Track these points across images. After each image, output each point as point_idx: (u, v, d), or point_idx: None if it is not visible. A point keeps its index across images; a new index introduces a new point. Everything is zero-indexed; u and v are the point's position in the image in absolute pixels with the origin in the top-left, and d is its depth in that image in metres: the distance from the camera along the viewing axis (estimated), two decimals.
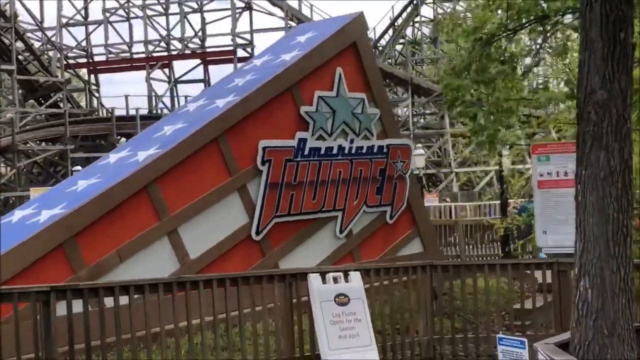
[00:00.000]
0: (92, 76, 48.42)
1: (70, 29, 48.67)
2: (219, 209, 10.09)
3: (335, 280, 7.79)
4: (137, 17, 47.80)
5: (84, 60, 48.60)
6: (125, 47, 48.64)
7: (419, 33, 56.98)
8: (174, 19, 48.04)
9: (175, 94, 49.03)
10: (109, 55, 47.48)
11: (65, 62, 42.36)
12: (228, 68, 48.10)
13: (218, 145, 10.13)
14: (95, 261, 8.80)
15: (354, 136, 11.76)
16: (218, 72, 64.66)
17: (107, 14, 47.39)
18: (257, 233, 10.47)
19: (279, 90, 10.83)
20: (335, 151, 11.48)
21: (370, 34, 44.68)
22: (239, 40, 45.55)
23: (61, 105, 41.58)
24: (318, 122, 11.23)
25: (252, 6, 45.89)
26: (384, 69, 42.00)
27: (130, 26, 48.21)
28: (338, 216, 11.58)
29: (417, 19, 57.99)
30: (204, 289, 7.06)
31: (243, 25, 45.43)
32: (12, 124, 35.41)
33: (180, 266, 9.61)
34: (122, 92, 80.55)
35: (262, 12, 45.80)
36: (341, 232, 11.62)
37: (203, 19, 47.19)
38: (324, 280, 7.71)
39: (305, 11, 45.06)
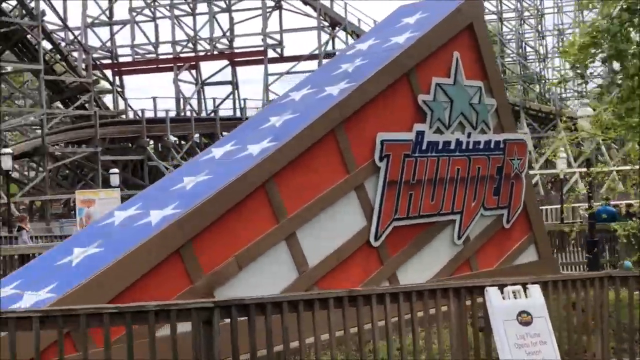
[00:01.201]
0: (117, 78, 47.27)
1: (94, 29, 47.61)
2: (337, 211, 8.84)
3: (514, 295, 6.52)
4: (164, 17, 46.73)
5: (108, 61, 47.53)
6: (150, 47, 47.58)
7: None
8: (200, 19, 47.08)
9: (202, 96, 47.94)
10: (135, 57, 46.38)
11: (93, 63, 41.27)
12: (256, 69, 47.05)
13: (335, 138, 8.88)
14: (213, 269, 7.57)
15: (471, 129, 10.50)
16: (246, 73, 63.47)
17: (133, 14, 46.29)
18: (376, 238, 9.20)
19: (396, 76, 9.58)
20: (452, 146, 10.22)
21: None
22: (269, 41, 44.38)
23: (87, 107, 40.50)
24: (436, 113, 9.97)
25: (282, 5, 44.80)
26: None
27: (156, 26, 47.15)
28: (456, 220, 10.30)
29: None
30: (376, 305, 5.79)
31: (272, 25, 44.15)
32: (41, 125, 34.30)
33: (299, 275, 8.37)
34: (145, 95, 79.48)
35: (293, 11, 44.66)
36: (459, 237, 10.35)
37: (231, 18, 46.07)
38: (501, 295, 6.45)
39: (338, 10, 43.88)
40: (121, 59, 47.34)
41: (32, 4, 37.87)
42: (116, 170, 29.51)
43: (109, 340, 4.82)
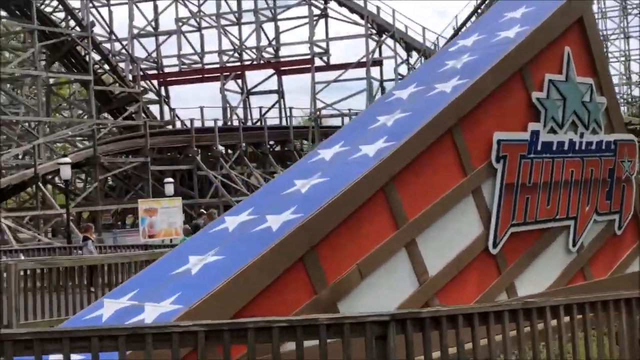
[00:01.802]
0: (162, 88, 47.17)
1: (140, 39, 47.62)
2: (455, 216, 8.25)
3: None
4: (209, 26, 46.58)
5: (154, 71, 47.49)
6: (196, 57, 47.46)
7: None
8: (245, 29, 46.88)
9: (248, 105, 47.69)
10: (182, 67, 46.29)
11: (142, 74, 41.22)
12: (302, 78, 46.67)
13: (452, 138, 8.30)
14: (336, 278, 7.02)
15: (584, 129, 9.84)
16: (292, 81, 62.94)
17: (179, 24, 46.22)
18: (495, 245, 8.58)
19: (510, 72, 8.98)
20: (566, 147, 9.57)
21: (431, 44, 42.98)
22: (315, 49, 43.97)
23: (134, 117, 40.43)
24: (550, 112, 9.33)
25: (329, 13, 44.42)
26: None
27: (202, 36, 47.07)
28: (570, 225, 9.64)
29: None
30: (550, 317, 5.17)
31: (318, 33, 43.73)
32: (92, 136, 34.19)
33: (419, 285, 7.78)
34: (189, 104, 79.78)
35: (340, 19, 44.25)
36: (574, 244, 9.68)
37: (277, 27, 45.80)
38: None
39: (384, 16, 43.27)
40: (167, 69, 47.29)
41: (79, 14, 38.02)
42: (171, 179, 29.23)
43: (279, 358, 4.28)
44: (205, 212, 19.86)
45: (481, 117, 8.59)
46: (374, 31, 42.63)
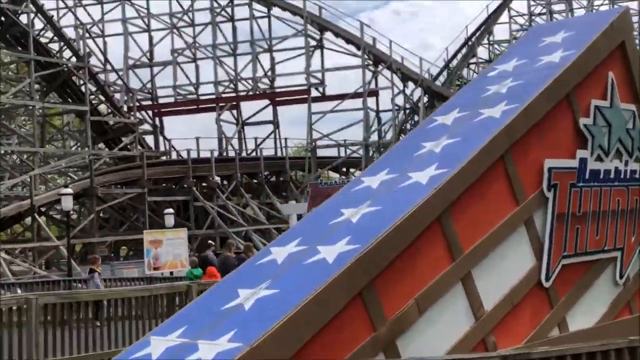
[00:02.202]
0: (157, 119, 46.82)
1: (135, 70, 47.33)
2: (509, 247, 7.83)
3: None
4: (205, 57, 46.41)
5: (149, 102, 47.17)
6: (190, 88, 47.20)
7: (474, 75, 55.66)
8: (240, 59, 46.71)
9: (243, 136, 47.34)
10: (177, 97, 45.98)
11: (137, 104, 40.88)
12: (297, 108, 46.49)
13: (504, 165, 7.91)
14: (394, 313, 6.57)
15: (628, 157, 9.49)
16: (287, 112, 62.64)
17: (175, 55, 46.00)
18: (547, 278, 8.16)
19: (559, 97, 8.63)
20: (612, 175, 9.21)
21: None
22: (311, 80, 43.84)
23: (129, 148, 40.01)
24: (597, 139, 8.98)
25: (324, 44, 44.38)
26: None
27: (197, 67, 46.85)
28: (617, 257, 9.24)
29: (473, 60, 56.77)
30: None
31: (313, 64, 43.64)
32: (89, 167, 33.66)
33: (476, 321, 7.34)
34: (183, 135, 79.35)
35: (336, 50, 44.22)
36: (621, 276, 9.27)
37: (272, 58, 45.71)
38: None
39: (379, 46, 43.24)
40: (162, 100, 46.97)
41: (75, 45, 37.74)
42: (171, 210, 28.74)
43: None
44: (212, 243, 19.39)
45: (532, 144, 8.23)
46: (370, 62, 42.57)
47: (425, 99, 42.95)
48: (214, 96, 45.48)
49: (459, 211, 7.37)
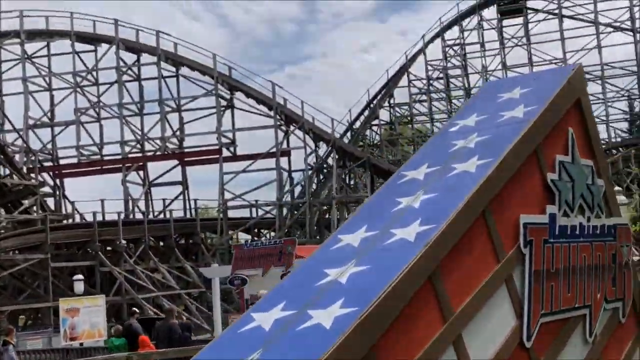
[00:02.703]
0: (58, 180, 44.93)
1: (35, 130, 45.48)
2: (492, 306, 7.49)
3: None
4: (110, 117, 45.16)
5: (49, 163, 45.28)
6: (94, 148, 45.65)
7: (377, 136, 56.83)
8: (147, 119, 45.72)
9: (150, 198, 45.98)
10: (81, 158, 44.33)
11: (39, 165, 39.09)
12: (206, 169, 45.73)
13: (485, 221, 7.66)
14: None
15: (590, 213, 9.45)
16: (195, 173, 61.48)
17: (78, 114, 44.54)
18: (529, 338, 7.88)
19: (528, 151, 8.51)
20: (577, 231, 9.12)
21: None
22: (222, 140, 43.32)
23: (29, 211, 38.06)
24: (563, 194, 8.90)
25: (235, 104, 44.10)
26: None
27: (101, 127, 45.54)
28: (586, 314, 9.10)
29: (375, 121, 57.96)
30: None
31: (224, 123, 43.17)
32: None
33: None
34: (87, 197, 76.53)
35: (247, 110, 43.95)
36: (590, 334, 9.11)
37: (181, 118, 44.97)
38: None
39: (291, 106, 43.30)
40: (64, 161, 45.20)
41: None
42: (80, 276, 27.17)
43: None
44: (137, 311, 18.28)
45: (507, 199, 8.03)
46: (281, 122, 42.51)
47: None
48: (119, 156, 44.12)
49: (447, 269, 7.02)
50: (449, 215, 7.24)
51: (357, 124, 53.50)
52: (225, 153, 43.21)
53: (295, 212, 41.05)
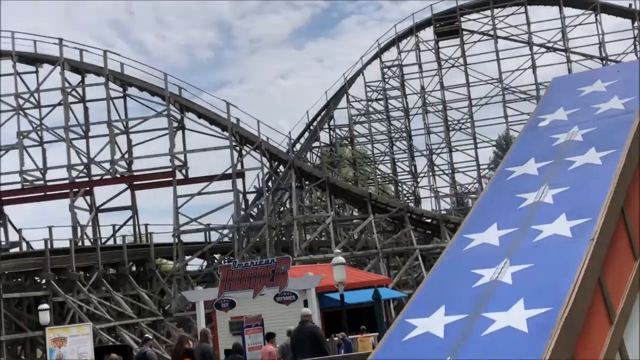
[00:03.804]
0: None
1: None
2: (637, 307, 6.91)
3: None
4: (54, 140, 43.14)
5: None
6: (37, 173, 43.41)
7: (317, 159, 56.32)
8: (93, 142, 43.84)
9: (97, 224, 43.97)
10: (25, 184, 42.05)
11: None
12: (156, 192, 44.10)
13: (623, 215, 7.07)
14: None
15: None
16: (143, 197, 59.32)
17: (21, 137, 42.34)
18: None
19: None
20: None
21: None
22: (173, 162, 41.84)
23: None
24: None
25: (186, 125, 42.79)
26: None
27: (44, 151, 43.42)
28: None
29: (316, 143, 57.42)
30: None
31: (175, 145, 41.67)
32: None
33: None
34: (31, 224, 73.18)
35: (198, 131, 42.65)
36: None
37: (129, 140, 43.32)
38: None
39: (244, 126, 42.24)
40: (5, 187, 42.79)
41: None
42: (46, 306, 25.36)
43: None
44: (150, 337, 16.95)
45: (634, 192, 7.48)
46: (235, 142, 41.37)
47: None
48: (65, 181, 42.08)
49: (606, 266, 6.38)
50: (599, 208, 6.61)
51: (297, 146, 52.74)
52: (178, 176, 41.73)
53: (253, 235, 39.94)
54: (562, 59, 61.56)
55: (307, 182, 41.87)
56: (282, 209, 44.05)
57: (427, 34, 63.09)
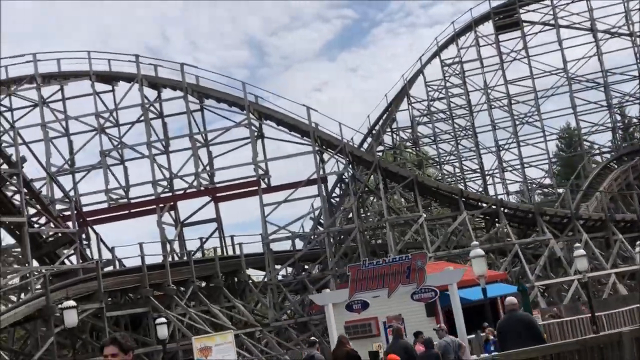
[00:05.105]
0: (87, 227, 42.48)
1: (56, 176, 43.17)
2: None
3: None
4: (137, 157, 43.10)
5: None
6: (120, 192, 43.38)
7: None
8: (174, 156, 43.72)
9: (182, 237, 43.74)
10: (110, 202, 42.07)
11: (76, 212, 36.88)
12: (243, 203, 43.76)
13: None
14: None
15: None
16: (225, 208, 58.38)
17: (104, 156, 42.40)
18: None
19: None
20: None
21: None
22: (253, 172, 41.47)
23: (65, 261, 35.82)
24: None
25: (264, 133, 42.38)
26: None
27: (126, 168, 43.41)
28: None
29: (380, 147, 56.46)
30: None
31: (248, 156, 41.33)
32: (44, 283, 29.29)
33: None
34: (117, 242, 73.80)
35: (279, 139, 42.25)
36: None
37: (209, 152, 43.05)
38: None
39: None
40: (91, 207, 42.89)
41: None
42: (164, 319, 25.00)
43: None
44: (317, 340, 16.45)
45: None
46: (318, 147, 40.86)
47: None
48: (150, 197, 41.98)
49: None
50: None
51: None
52: (261, 184, 41.33)
53: (342, 240, 39.34)
54: (628, 44, 59.95)
55: (392, 183, 41.13)
56: (366, 212, 43.39)
57: (486, 28, 62.07)
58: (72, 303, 20.28)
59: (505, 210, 39.15)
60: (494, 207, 38.47)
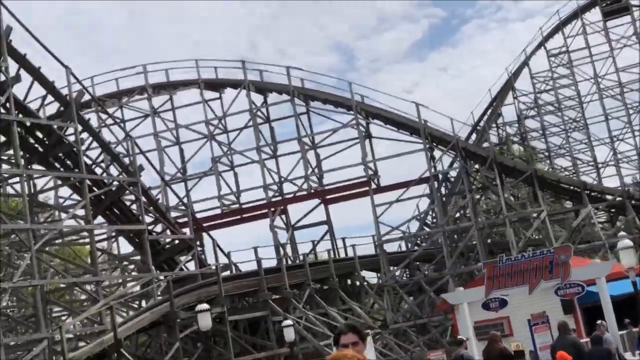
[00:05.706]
0: (201, 233, 42.99)
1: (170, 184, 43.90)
2: None
3: None
4: (248, 163, 43.35)
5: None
6: (232, 197, 43.68)
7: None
8: (282, 160, 43.73)
9: (294, 241, 43.69)
10: (223, 208, 42.44)
11: (192, 218, 37.25)
12: (350, 205, 43.34)
13: None
14: None
15: None
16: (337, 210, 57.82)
17: (215, 163, 42.83)
18: None
19: None
20: None
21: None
22: (363, 172, 40.92)
23: (183, 268, 36.15)
24: None
25: (372, 134, 41.79)
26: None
27: (236, 174, 43.67)
28: None
29: (485, 144, 54.58)
30: None
31: (357, 156, 40.81)
32: (168, 288, 29.60)
33: None
34: (229, 247, 75.31)
35: (387, 138, 41.59)
36: None
37: (317, 154, 42.82)
38: None
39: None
40: (205, 213, 43.40)
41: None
42: (289, 322, 24.68)
43: None
44: (465, 339, 15.74)
45: None
46: (430, 144, 39.94)
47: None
48: (262, 202, 42.09)
49: None
50: None
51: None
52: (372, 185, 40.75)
53: (463, 238, 38.25)
54: None
55: (507, 178, 39.75)
56: (477, 209, 42.10)
57: (593, 15, 59.48)
58: (205, 306, 20.22)
59: (632, 202, 37.13)
60: (619, 199, 36.53)
